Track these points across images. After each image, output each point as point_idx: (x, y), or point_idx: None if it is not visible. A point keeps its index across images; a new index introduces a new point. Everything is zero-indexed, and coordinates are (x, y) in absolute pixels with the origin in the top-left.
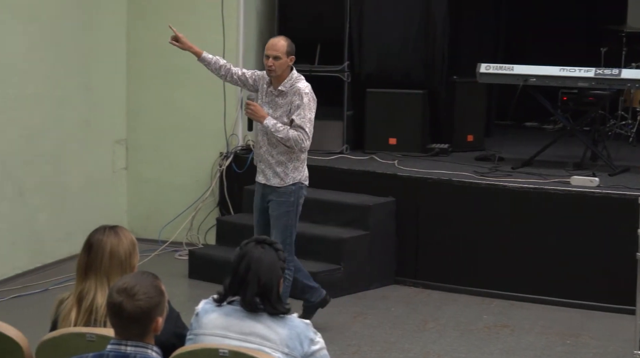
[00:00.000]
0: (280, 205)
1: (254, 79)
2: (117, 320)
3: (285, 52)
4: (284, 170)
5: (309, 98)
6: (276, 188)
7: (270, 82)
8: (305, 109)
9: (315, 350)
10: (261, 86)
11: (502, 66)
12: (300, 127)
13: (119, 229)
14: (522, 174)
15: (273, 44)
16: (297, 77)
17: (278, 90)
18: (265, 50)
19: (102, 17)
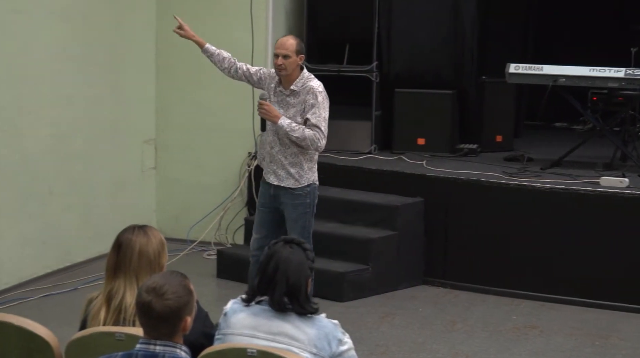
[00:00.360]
0: (296, 208)
1: (259, 76)
2: (146, 320)
3: (295, 51)
4: (299, 171)
5: (322, 97)
6: (291, 190)
7: (279, 82)
8: (320, 107)
9: (344, 351)
10: (267, 85)
11: (532, 66)
12: (316, 126)
13: (148, 229)
14: (552, 175)
15: (282, 43)
16: (309, 76)
17: (290, 90)
18: (274, 49)
19: (131, 17)
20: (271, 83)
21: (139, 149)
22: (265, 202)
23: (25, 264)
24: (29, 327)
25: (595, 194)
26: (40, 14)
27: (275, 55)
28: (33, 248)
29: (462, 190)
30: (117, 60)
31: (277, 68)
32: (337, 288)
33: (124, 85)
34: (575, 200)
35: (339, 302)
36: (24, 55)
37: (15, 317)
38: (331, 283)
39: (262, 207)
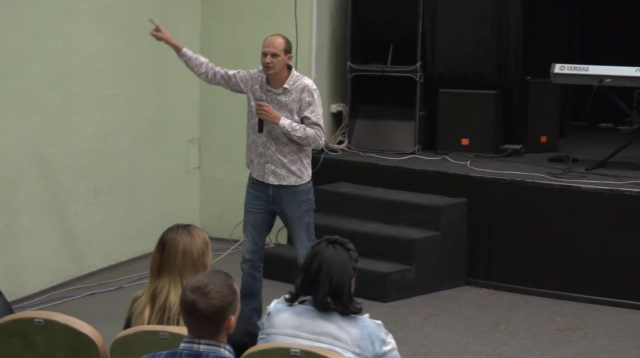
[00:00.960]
0: (301, 204)
1: (239, 78)
2: (190, 319)
3: (283, 50)
4: (300, 168)
5: (317, 94)
6: (295, 188)
7: (267, 81)
8: (317, 105)
9: (387, 351)
10: (250, 87)
11: (577, 66)
12: (316, 124)
13: (192, 228)
14: (597, 176)
15: (270, 42)
16: (299, 74)
17: (282, 88)
18: (262, 48)
19: (177, 17)
20: (254, 84)
21: (183, 149)
22: (260, 204)
23: (70, 263)
24: (75, 325)
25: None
26: (87, 15)
27: (263, 54)
28: (78, 247)
29: (506, 190)
30: (162, 60)
31: (265, 67)
32: (380, 288)
33: (168, 85)
34: (620, 201)
35: (382, 303)
36: (70, 55)
37: (61, 315)
38: (374, 283)
39: (255, 209)
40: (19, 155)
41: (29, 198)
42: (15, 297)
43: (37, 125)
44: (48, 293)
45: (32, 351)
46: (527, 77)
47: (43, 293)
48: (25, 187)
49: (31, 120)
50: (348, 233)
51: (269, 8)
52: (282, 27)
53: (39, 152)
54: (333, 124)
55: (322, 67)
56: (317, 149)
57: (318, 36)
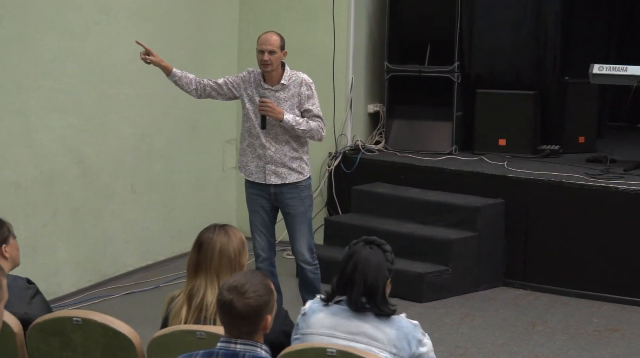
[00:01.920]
0: (304, 200)
1: (229, 85)
2: (227, 318)
3: (279, 47)
4: (301, 164)
5: (314, 87)
6: (297, 184)
7: (263, 80)
8: (316, 98)
9: (423, 352)
10: (244, 90)
11: (616, 67)
12: (318, 117)
13: (228, 228)
14: (635, 176)
15: (267, 39)
16: (292, 70)
17: (280, 84)
18: (257, 46)
19: (214, 18)
20: (248, 87)
21: (220, 149)
22: (264, 202)
23: (107, 262)
24: (112, 324)
25: None
26: (125, 15)
27: (260, 52)
28: (115, 247)
29: (543, 191)
30: (199, 60)
31: (263, 64)
32: (417, 289)
33: None
34: None
35: (418, 303)
36: (108, 55)
37: (99, 314)
38: (410, 283)
39: (260, 208)
40: (57, 154)
41: (66, 198)
42: (53, 296)
43: (74, 125)
44: (85, 292)
45: (70, 350)
46: (565, 78)
47: (81, 293)
48: (63, 186)
49: (69, 120)
50: (384, 233)
51: (307, 9)
52: (320, 28)
53: (77, 152)
54: (370, 124)
55: (359, 68)
56: (319, 142)
57: (355, 37)
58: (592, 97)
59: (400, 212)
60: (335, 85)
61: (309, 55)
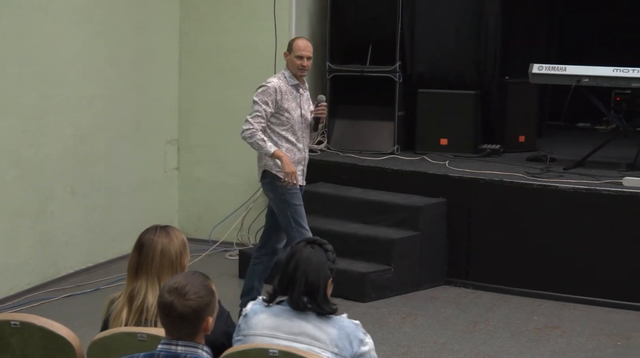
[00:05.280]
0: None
1: (274, 103)
2: (167, 320)
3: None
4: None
5: None
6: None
7: (297, 85)
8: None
9: (365, 351)
10: (284, 100)
11: (555, 66)
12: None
13: (170, 229)
14: (574, 175)
15: (307, 45)
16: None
17: (305, 87)
18: (297, 52)
19: (155, 18)
20: (285, 94)
21: (161, 149)
22: (301, 200)
23: (47, 265)
24: (51, 327)
25: (617, 195)
26: (66, 14)
27: (299, 57)
28: (55, 249)
29: (484, 190)
30: (140, 60)
31: (302, 69)
32: (359, 288)
33: (147, 86)
34: (598, 201)
35: (361, 303)
36: (48, 54)
37: (37, 317)
38: (353, 283)
39: (302, 204)
40: None
41: (6, 200)
42: None
43: (14, 126)
44: (25, 295)
45: (8, 354)
46: (506, 77)
47: (20, 296)
48: (3, 188)
49: (7, 121)
50: (327, 233)
51: (248, 9)
52: (261, 28)
53: (16, 153)
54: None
55: None
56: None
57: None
58: (532, 96)
59: (342, 212)
60: None
61: (251, 55)
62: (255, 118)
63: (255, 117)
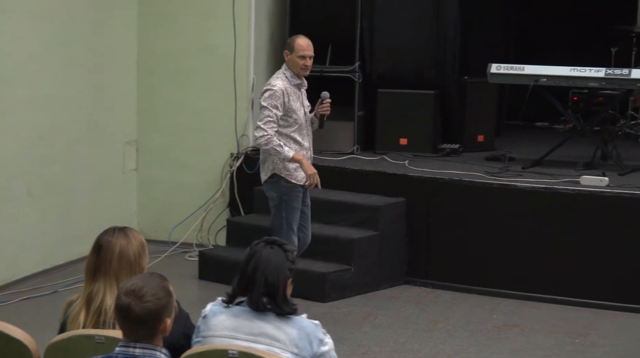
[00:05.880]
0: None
1: (283, 104)
2: (125, 322)
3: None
4: None
5: None
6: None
7: (299, 84)
8: None
9: (325, 351)
10: (289, 103)
11: (513, 66)
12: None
13: (128, 230)
14: (533, 174)
15: (309, 44)
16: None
17: (304, 84)
18: (299, 51)
19: (112, 18)
20: (291, 95)
21: (120, 151)
22: (300, 204)
23: (3, 267)
24: (6, 330)
25: (575, 193)
26: (21, 15)
27: (302, 57)
28: (11, 251)
29: (444, 190)
30: (98, 61)
31: (305, 69)
32: (320, 288)
33: (105, 87)
34: (556, 199)
35: (321, 303)
36: (3, 55)
37: None
38: (313, 283)
39: (300, 209)
40: None
41: None
42: None
43: None
44: None
45: None
46: (465, 77)
47: None
48: None
49: None
50: None
51: (207, 9)
52: (220, 28)
53: None
54: None
55: (261, 68)
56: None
57: (256, 37)
58: (490, 96)
59: None
60: (237, 85)
61: (210, 56)
62: (268, 123)
63: (267, 122)
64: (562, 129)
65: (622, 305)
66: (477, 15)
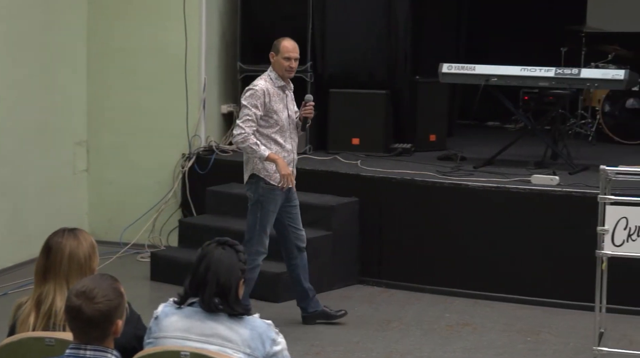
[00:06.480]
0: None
1: (264, 105)
2: (76, 324)
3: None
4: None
5: None
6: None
7: (284, 86)
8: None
9: (277, 351)
10: (270, 104)
11: (464, 66)
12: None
13: (78, 232)
14: (484, 173)
15: (294, 47)
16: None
17: (290, 87)
18: (284, 53)
19: (62, 17)
20: (273, 96)
21: (70, 151)
22: (277, 208)
23: None
24: None
25: (526, 192)
26: None
27: (287, 59)
28: None
29: (396, 189)
30: (47, 60)
31: (290, 70)
32: (273, 289)
33: (54, 86)
34: (507, 198)
35: (274, 303)
36: None
37: None
38: (267, 284)
39: (275, 212)
40: None
41: None
42: None
43: None
44: None
45: None
46: (416, 77)
47: None
48: None
49: None
50: (239, 234)
51: (158, 8)
52: (171, 28)
53: None
54: (224, 124)
55: (212, 68)
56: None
57: (207, 36)
58: (442, 96)
59: None
60: (188, 85)
61: (161, 55)
62: (246, 122)
63: (246, 121)
64: (513, 128)
65: (574, 303)
66: (428, 16)
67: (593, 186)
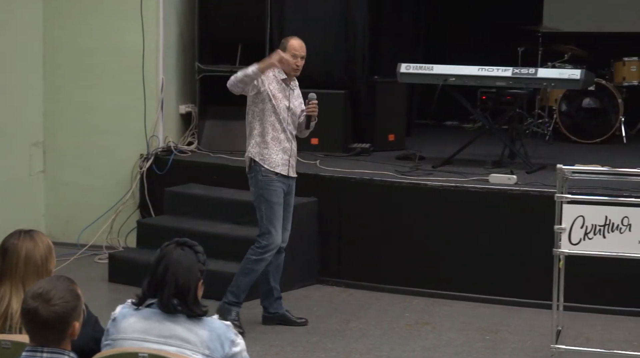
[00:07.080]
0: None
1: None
2: (32, 326)
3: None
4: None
5: None
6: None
7: (285, 79)
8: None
9: (236, 352)
10: (268, 85)
11: (422, 66)
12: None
13: (34, 233)
14: (443, 173)
15: (301, 45)
16: None
17: (295, 83)
18: (291, 51)
19: (16, 17)
20: (271, 83)
21: (26, 152)
22: (280, 199)
23: None
24: None
25: (484, 191)
26: None
27: (294, 56)
28: None
29: (355, 189)
30: (1, 61)
31: (296, 69)
32: None
33: (9, 87)
34: (466, 198)
35: None
36: None
37: None
38: (225, 285)
39: (280, 204)
40: None
41: None
42: None
43: None
44: None
45: None
46: (374, 77)
47: None
48: None
49: None
50: (198, 235)
51: (115, 8)
52: (128, 28)
53: None
54: (182, 124)
55: (170, 68)
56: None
57: (165, 36)
58: (400, 95)
59: (214, 213)
60: (146, 85)
61: (119, 56)
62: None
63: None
64: (471, 127)
65: (532, 302)
66: (386, 16)
67: (550, 185)
